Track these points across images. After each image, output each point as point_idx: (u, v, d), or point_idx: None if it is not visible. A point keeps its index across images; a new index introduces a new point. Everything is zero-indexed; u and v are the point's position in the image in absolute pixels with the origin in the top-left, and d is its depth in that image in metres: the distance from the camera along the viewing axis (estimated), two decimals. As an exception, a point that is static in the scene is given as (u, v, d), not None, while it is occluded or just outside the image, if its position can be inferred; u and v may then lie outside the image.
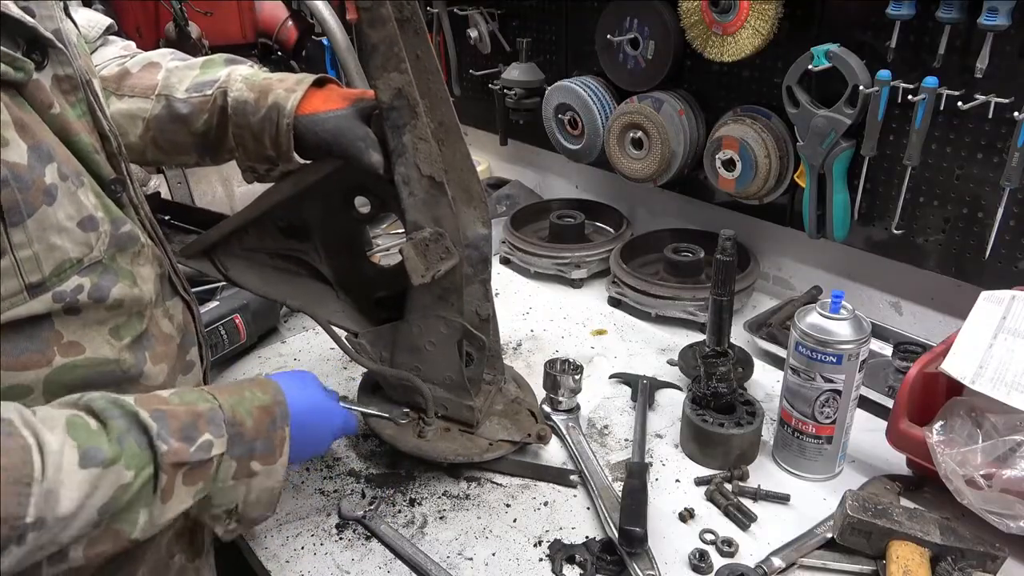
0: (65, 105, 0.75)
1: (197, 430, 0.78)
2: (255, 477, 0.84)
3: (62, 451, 0.67)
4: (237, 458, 0.82)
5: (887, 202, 1.42)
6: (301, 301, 1.20)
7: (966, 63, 1.24)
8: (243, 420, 0.83)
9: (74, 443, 0.69)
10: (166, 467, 0.74)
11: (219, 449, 0.79)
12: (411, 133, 1.01)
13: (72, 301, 0.74)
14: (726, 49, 1.47)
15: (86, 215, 0.75)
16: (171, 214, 1.23)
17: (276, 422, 0.87)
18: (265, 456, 0.85)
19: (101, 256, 0.77)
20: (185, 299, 0.95)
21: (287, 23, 2.19)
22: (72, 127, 0.76)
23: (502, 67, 1.97)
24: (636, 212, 1.96)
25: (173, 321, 0.91)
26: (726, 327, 1.27)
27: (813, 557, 1.02)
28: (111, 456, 0.70)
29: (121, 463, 0.71)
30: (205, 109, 1.03)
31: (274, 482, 0.86)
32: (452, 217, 1.05)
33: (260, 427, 0.85)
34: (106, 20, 1.12)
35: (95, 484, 0.69)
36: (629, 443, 1.25)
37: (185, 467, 0.76)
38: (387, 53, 0.97)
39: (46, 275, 0.71)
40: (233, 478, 0.82)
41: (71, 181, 0.73)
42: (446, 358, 1.15)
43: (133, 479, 0.72)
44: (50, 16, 0.76)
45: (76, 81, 0.76)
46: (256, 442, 0.84)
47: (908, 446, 1.09)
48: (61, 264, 0.73)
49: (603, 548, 1.04)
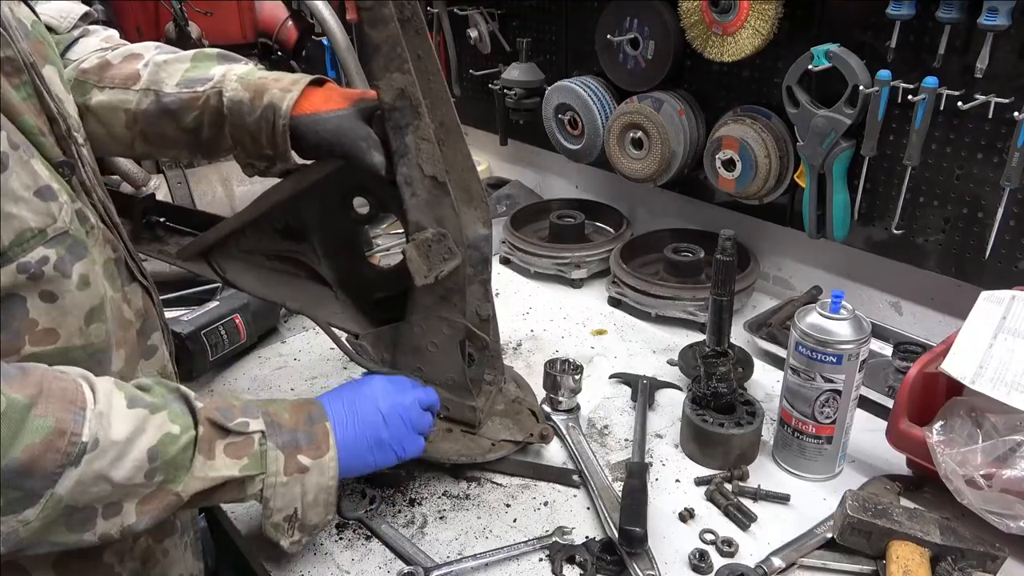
0: (8, 87, 0.75)
1: (232, 412, 0.85)
2: (307, 473, 0.88)
3: (111, 394, 0.75)
4: (283, 448, 0.86)
5: (887, 202, 1.42)
6: (300, 303, 1.20)
7: (966, 63, 1.24)
8: (278, 412, 0.89)
9: (121, 392, 0.76)
10: (204, 420, 0.81)
11: (257, 427, 0.85)
12: (413, 134, 1.01)
13: (37, 272, 0.74)
14: (726, 49, 1.47)
15: (43, 184, 0.75)
16: (167, 216, 1.23)
17: (313, 417, 0.92)
18: (311, 449, 0.89)
19: (67, 227, 0.77)
20: (144, 284, 0.95)
21: (287, 23, 2.19)
22: (16, 108, 0.75)
23: (502, 67, 1.97)
24: (636, 212, 1.96)
25: (132, 306, 0.92)
26: (726, 327, 1.27)
27: (813, 557, 1.02)
28: (157, 403, 0.78)
29: (165, 414, 0.78)
30: (196, 105, 1.02)
31: (327, 479, 0.90)
32: (454, 217, 1.05)
33: (297, 420, 0.90)
34: (80, 8, 1.10)
35: (143, 424, 0.76)
36: (629, 443, 1.25)
37: (227, 436, 0.82)
38: (389, 53, 0.96)
39: (5, 245, 0.71)
40: (285, 473, 0.86)
41: (23, 150, 0.73)
42: (448, 359, 1.15)
43: (179, 433, 0.79)
44: None
45: (18, 63, 0.76)
46: (298, 433, 0.89)
47: (908, 446, 1.09)
48: (21, 234, 0.72)
49: (603, 548, 1.04)
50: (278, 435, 0.87)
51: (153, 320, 0.97)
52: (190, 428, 0.80)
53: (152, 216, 1.22)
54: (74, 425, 0.70)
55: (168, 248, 1.20)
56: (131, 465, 0.74)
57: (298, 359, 1.51)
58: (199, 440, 0.80)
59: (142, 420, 0.75)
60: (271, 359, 1.51)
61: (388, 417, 0.99)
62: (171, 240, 1.21)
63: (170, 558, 0.97)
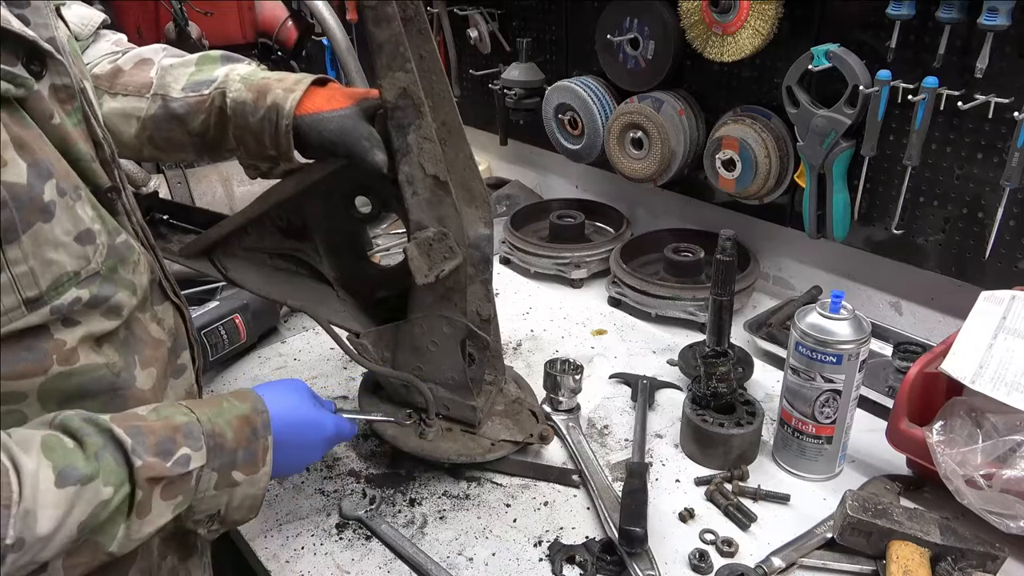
0: (63, 115, 0.74)
1: (175, 443, 0.77)
2: (237, 487, 0.84)
3: (38, 472, 0.67)
4: (218, 469, 0.81)
5: (887, 202, 1.42)
6: (301, 301, 1.20)
7: (966, 63, 1.24)
8: (223, 431, 0.82)
9: (49, 463, 0.68)
10: (142, 482, 0.73)
11: (198, 462, 0.78)
12: (416, 133, 1.01)
13: (69, 312, 0.74)
14: (726, 49, 1.47)
15: (83, 229, 0.74)
16: (170, 214, 1.23)
17: (257, 431, 0.86)
18: (247, 466, 0.84)
19: (99, 268, 0.76)
20: (176, 303, 0.94)
21: (287, 23, 2.19)
22: (71, 137, 0.75)
23: (502, 67, 1.97)
24: (636, 212, 1.96)
25: (163, 326, 0.90)
26: (726, 327, 1.27)
27: (813, 557, 1.02)
28: (88, 473, 0.70)
29: (99, 480, 0.71)
30: (202, 109, 1.02)
31: (257, 490, 0.86)
32: (456, 217, 1.05)
33: (240, 437, 0.84)
34: (99, 16, 1.10)
35: (73, 502, 0.68)
36: (629, 443, 1.26)
37: (163, 482, 0.75)
38: (392, 52, 0.97)
39: (43, 290, 0.71)
40: (215, 488, 0.81)
41: (69, 196, 0.73)
42: (449, 358, 1.15)
43: (112, 495, 0.71)
44: (45, 24, 0.75)
45: (72, 90, 0.75)
46: (237, 452, 0.83)
47: (908, 446, 1.09)
48: (59, 278, 0.72)
49: (603, 548, 1.04)
50: (217, 459, 0.82)
51: (183, 339, 0.95)
52: (124, 484, 0.73)
53: (156, 214, 1.22)
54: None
55: (171, 246, 1.20)
56: (59, 545, 0.69)
57: (298, 359, 1.51)
58: (136, 504, 0.74)
59: (72, 498, 0.69)
60: (271, 359, 1.51)
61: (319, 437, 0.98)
62: (174, 238, 1.21)
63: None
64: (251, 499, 0.86)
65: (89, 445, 0.71)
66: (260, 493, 0.87)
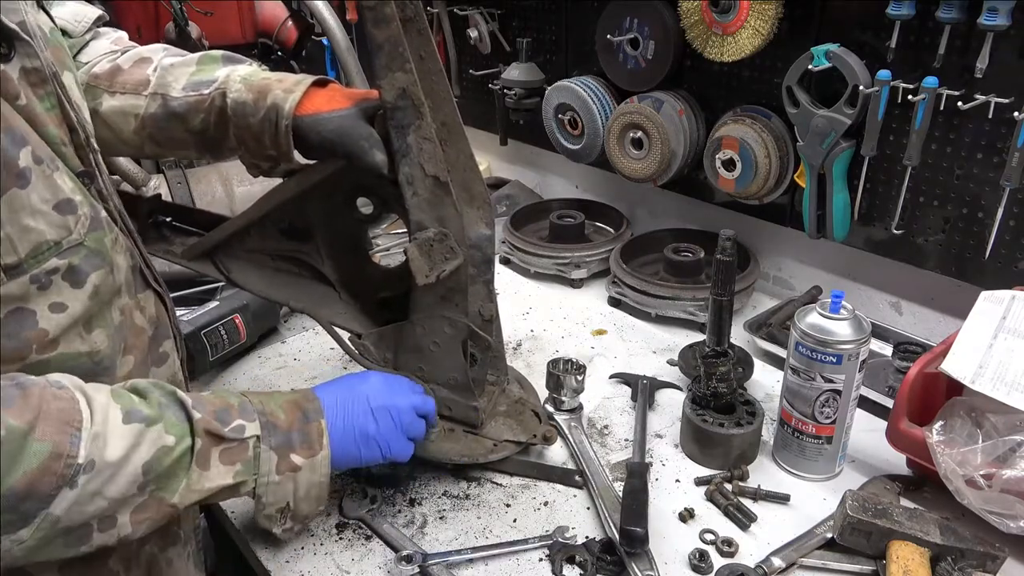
0: (32, 97, 0.75)
1: (229, 415, 0.85)
2: (299, 472, 0.89)
3: (107, 408, 0.75)
4: (276, 449, 0.87)
5: (887, 202, 1.42)
6: (303, 303, 1.20)
7: (966, 63, 1.25)
8: (274, 412, 0.89)
9: (118, 404, 0.76)
10: (200, 432, 0.81)
11: (252, 431, 0.85)
12: (416, 133, 1.01)
13: (46, 283, 0.74)
14: (726, 49, 1.47)
15: (63, 198, 0.75)
16: (173, 216, 1.23)
17: (308, 415, 0.92)
18: (304, 448, 0.90)
19: (82, 239, 0.77)
20: (157, 291, 0.96)
21: (287, 23, 2.19)
22: (39, 119, 0.76)
23: (502, 67, 1.97)
24: (636, 212, 1.96)
25: (145, 313, 0.92)
26: (726, 327, 1.27)
27: (813, 557, 1.02)
28: (152, 416, 0.78)
29: (161, 425, 0.78)
30: (202, 108, 1.03)
31: (319, 476, 0.91)
32: (456, 217, 1.05)
33: (292, 419, 0.91)
34: (94, 12, 1.10)
35: (138, 439, 0.75)
36: (629, 443, 1.26)
37: (221, 443, 0.82)
38: (392, 52, 0.97)
39: (22, 256, 0.72)
40: (278, 472, 0.87)
41: (46, 164, 0.74)
42: (451, 359, 1.15)
43: (174, 444, 0.78)
44: (14, 8, 0.76)
45: (44, 74, 0.76)
46: (292, 434, 0.89)
47: (908, 446, 1.10)
48: (38, 246, 0.73)
49: (603, 548, 1.04)
50: (273, 436, 0.87)
51: (166, 327, 0.97)
52: (186, 437, 0.80)
53: (158, 216, 1.22)
54: (70, 447, 0.70)
55: (174, 248, 1.20)
56: (126, 481, 0.74)
57: (298, 359, 1.51)
58: (195, 453, 0.80)
59: (138, 435, 0.75)
60: (271, 359, 1.52)
61: (378, 413, 0.99)
62: (176, 240, 1.21)
63: (174, 567, 0.97)
64: (316, 487, 0.92)
65: (153, 399, 0.80)
66: (324, 481, 0.92)
